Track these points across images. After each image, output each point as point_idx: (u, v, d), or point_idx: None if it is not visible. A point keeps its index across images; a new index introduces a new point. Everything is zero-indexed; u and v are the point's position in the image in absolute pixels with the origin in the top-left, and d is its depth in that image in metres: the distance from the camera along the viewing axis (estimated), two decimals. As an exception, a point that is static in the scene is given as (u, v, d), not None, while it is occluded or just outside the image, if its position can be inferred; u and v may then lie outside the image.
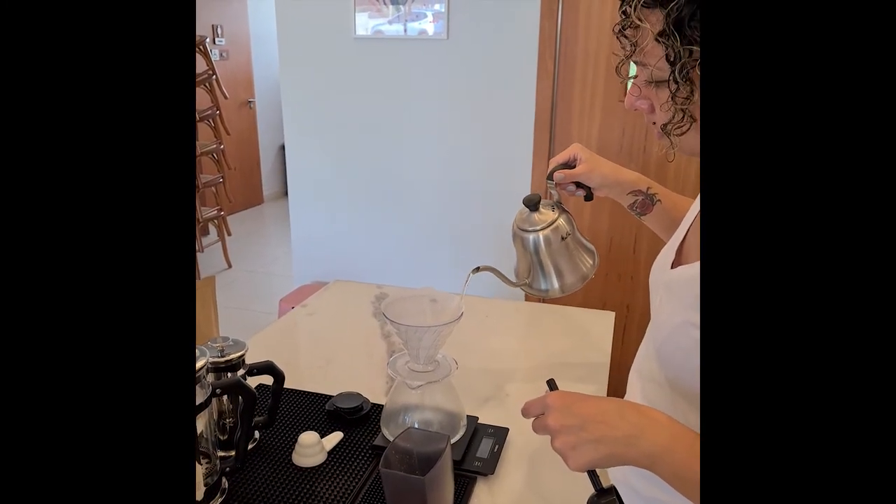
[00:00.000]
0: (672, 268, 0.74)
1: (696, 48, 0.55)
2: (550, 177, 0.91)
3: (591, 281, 2.12)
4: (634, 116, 2.11)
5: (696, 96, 0.58)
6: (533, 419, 0.62)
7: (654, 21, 0.57)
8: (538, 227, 0.88)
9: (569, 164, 0.92)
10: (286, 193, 5.20)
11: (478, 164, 2.30)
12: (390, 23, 2.22)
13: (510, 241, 0.93)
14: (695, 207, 0.81)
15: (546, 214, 0.89)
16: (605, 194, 0.94)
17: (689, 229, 0.77)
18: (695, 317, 0.64)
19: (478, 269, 0.90)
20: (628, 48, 0.62)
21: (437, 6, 2.16)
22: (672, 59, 0.57)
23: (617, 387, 1.32)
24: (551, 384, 0.67)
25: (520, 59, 2.15)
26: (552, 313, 1.41)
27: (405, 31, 2.21)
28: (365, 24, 2.25)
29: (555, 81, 2.16)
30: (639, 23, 0.58)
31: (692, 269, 0.68)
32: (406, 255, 2.49)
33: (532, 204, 0.89)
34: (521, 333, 1.37)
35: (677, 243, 0.77)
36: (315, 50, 2.35)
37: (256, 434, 0.90)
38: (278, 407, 0.90)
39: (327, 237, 2.57)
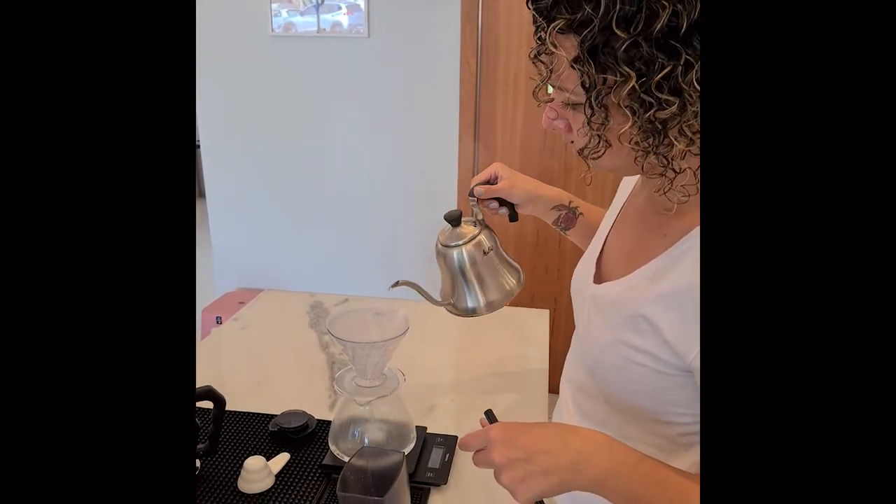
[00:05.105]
0: (596, 283, 0.75)
1: (609, 76, 0.55)
2: (472, 193, 0.91)
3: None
4: (556, 114, 2.17)
5: (612, 122, 0.58)
6: (473, 453, 0.61)
7: (568, 47, 0.57)
8: (459, 243, 0.87)
9: (490, 182, 0.92)
10: (202, 195, 4.97)
11: (403, 166, 2.30)
12: (302, 14, 2.16)
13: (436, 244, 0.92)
14: (608, 217, 0.82)
15: (467, 230, 0.88)
16: (528, 211, 0.95)
17: (605, 241, 0.79)
18: (625, 335, 0.66)
19: (397, 283, 0.87)
20: (544, 73, 0.61)
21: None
22: (587, 86, 0.56)
23: (553, 386, 1.36)
24: (490, 415, 0.66)
25: (442, 59, 2.15)
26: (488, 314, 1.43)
27: (318, 22, 2.16)
28: (276, 14, 2.18)
29: (478, 80, 2.18)
30: (553, 49, 0.58)
31: (618, 287, 0.69)
32: (332, 260, 2.45)
33: (453, 219, 0.88)
34: (461, 336, 1.38)
35: (596, 254, 0.78)
36: (230, 47, 2.26)
37: (198, 462, 0.87)
38: (220, 433, 0.87)
39: (249, 242, 2.49)
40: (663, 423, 0.67)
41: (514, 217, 0.94)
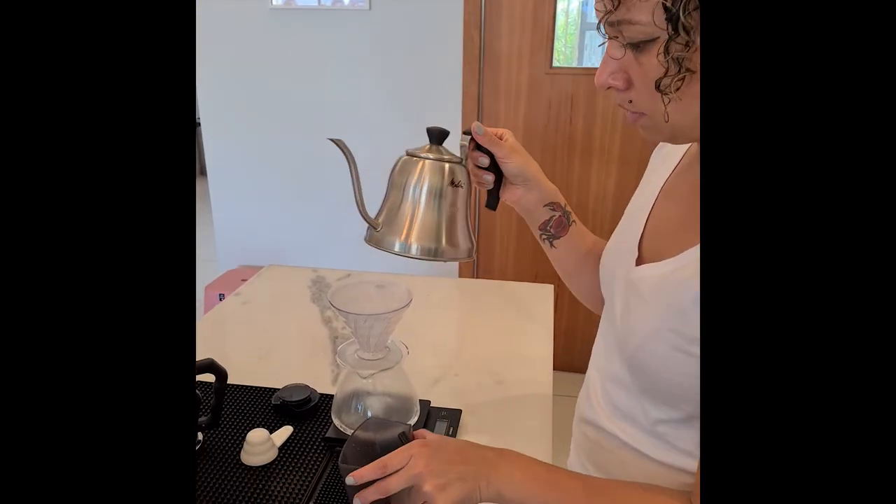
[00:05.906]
0: (637, 265, 0.68)
1: None
2: (468, 131, 0.76)
3: (524, 251, 2.12)
4: (560, 89, 2.13)
5: (698, 42, 0.52)
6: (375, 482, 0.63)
7: None
8: (430, 156, 0.73)
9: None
10: (203, 172, 4.96)
11: (405, 142, 2.26)
12: (302, -10, 2.13)
13: None
14: (645, 195, 0.74)
15: (444, 154, 0.74)
16: (517, 197, 0.81)
17: (646, 221, 0.71)
18: (673, 322, 0.60)
19: (338, 142, 0.76)
20: (609, 6, 0.56)
21: (353, -26, 2.08)
22: (670, 4, 0.51)
23: (557, 363, 1.35)
24: (403, 437, 0.68)
25: (445, 33, 2.12)
26: (492, 289, 1.42)
27: (319, -2, 2.12)
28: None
29: (481, 54, 2.14)
30: None
31: (664, 268, 0.63)
32: (334, 236, 2.44)
33: (434, 135, 0.74)
34: (465, 310, 1.37)
35: (638, 233, 0.71)
36: (230, 21, 2.22)
37: (200, 436, 0.86)
38: (222, 406, 0.86)
39: (251, 219, 2.48)
40: None
41: (493, 199, 0.80)
